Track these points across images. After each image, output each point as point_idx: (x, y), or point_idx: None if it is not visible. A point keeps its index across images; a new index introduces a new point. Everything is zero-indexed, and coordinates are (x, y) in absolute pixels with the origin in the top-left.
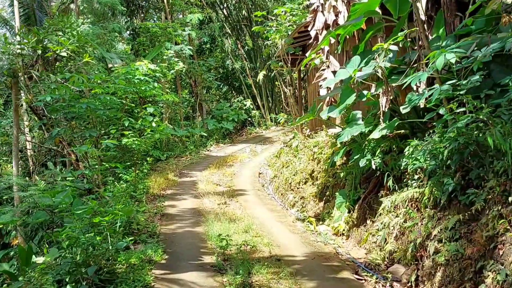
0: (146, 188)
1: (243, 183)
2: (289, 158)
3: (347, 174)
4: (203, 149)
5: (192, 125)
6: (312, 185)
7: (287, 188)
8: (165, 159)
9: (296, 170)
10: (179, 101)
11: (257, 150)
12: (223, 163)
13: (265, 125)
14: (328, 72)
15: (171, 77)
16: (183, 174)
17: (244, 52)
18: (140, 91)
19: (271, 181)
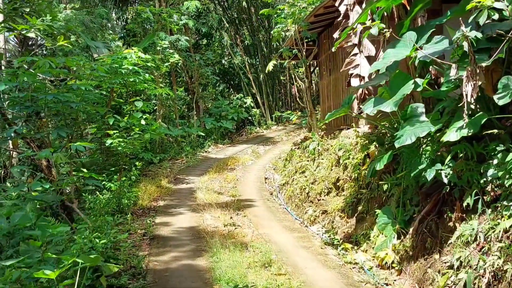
0: (134, 199)
1: (248, 191)
2: (304, 163)
3: (392, 186)
4: (201, 150)
5: (188, 124)
6: (336, 196)
7: (303, 199)
8: (158, 162)
9: (314, 177)
10: (174, 96)
11: (260, 152)
12: (223, 167)
13: (266, 125)
14: (361, 58)
15: (166, 70)
16: (178, 180)
17: (243, 47)
18: (129, 84)
19: (281, 188)
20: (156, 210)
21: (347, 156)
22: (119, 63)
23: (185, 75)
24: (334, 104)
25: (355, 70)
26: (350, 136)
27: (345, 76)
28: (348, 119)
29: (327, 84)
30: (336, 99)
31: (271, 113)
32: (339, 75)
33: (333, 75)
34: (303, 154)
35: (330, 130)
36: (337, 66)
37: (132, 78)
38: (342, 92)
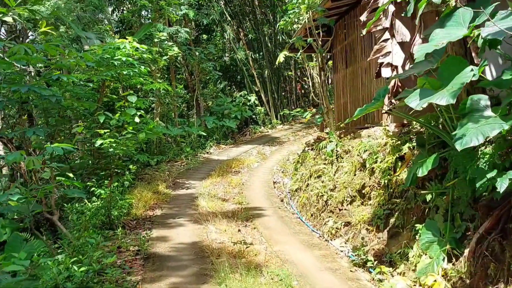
0: (127, 208)
1: (256, 197)
2: (321, 166)
3: (436, 196)
4: (202, 151)
5: (189, 123)
6: (361, 205)
7: (321, 208)
8: (156, 164)
9: (334, 183)
10: (173, 92)
11: (266, 153)
12: (227, 169)
13: (271, 124)
14: (393, 44)
15: (164, 64)
16: (178, 185)
17: (246, 41)
18: (123, 78)
19: (292, 194)
20: (153, 220)
21: (374, 159)
22: (111, 54)
23: (184, 71)
24: (351, 100)
25: (385, 58)
26: (375, 136)
27: (365, 68)
28: (369, 117)
29: (343, 78)
30: (353, 95)
31: (276, 112)
32: (357, 68)
33: (350, 68)
34: (318, 156)
35: (347, 129)
36: (355, 57)
37: (126, 71)
38: (361, 86)
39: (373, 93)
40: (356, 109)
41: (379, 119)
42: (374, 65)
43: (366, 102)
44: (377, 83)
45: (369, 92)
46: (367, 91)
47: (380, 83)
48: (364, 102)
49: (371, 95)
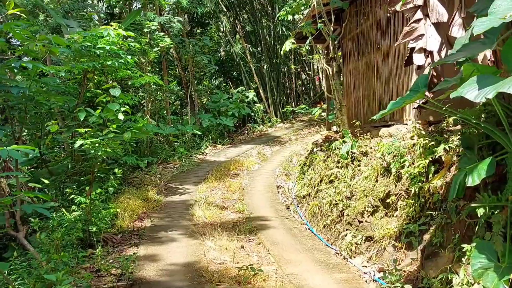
0: (110, 219)
1: (259, 204)
2: (334, 171)
3: (490, 209)
4: (197, 152)
5: (182, 122)
6: (386, 217)
7: (336, 219)
8: (146, 166)
9: (351, 190)
10: (165, 88)
11: (266, 153)
12: (225, 172)
13: (270, 122)
14: (426, 25)
15: (154, 56)
16: (170, 190)
17: (243, 34)
18: (108, 70)
19: (300, 201)
20: (140, 234)
21: (401, 162)
22: (92, 42)
23: (178, 64)
24: (364, 95)
25: (417, 42)
26: (397, 135)
27: (381, 59)
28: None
29: (354, 71)
30: (367, 89)
31: (275, 109)
32: (371, 59)
33: (363, 59)
34: (330, 158)
35: (361, 128)
36: (369, 47)
37: (110, 61)
38: (376, 79)
39: (391, 87)
40: (370, 105)
41: (399, 116)
42: (384, 58)
43: (383, 96)
44: (397, 75)
45: (387, 85)
46: (385, 84)
47: (402, 74)
48: (380, 97)
49: (389, 88)
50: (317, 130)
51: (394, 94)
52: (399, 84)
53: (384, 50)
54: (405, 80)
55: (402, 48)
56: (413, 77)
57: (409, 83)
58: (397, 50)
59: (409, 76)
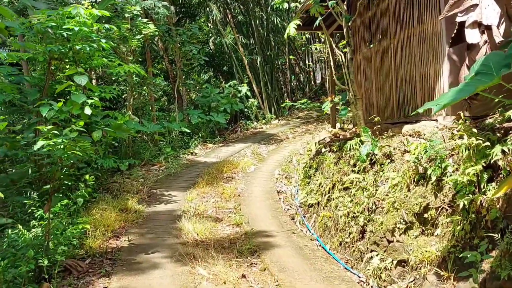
0: (77, 237)
1: (259, 215)
2: (351, 177)
3: None
4: (185, 151)
5: (169, 118)
6: (423, 235)
7: (357, 236)
8: (127, 169)
9: (375, 201)
10: (149, 80)
11: (262, 153)
12: (217, 175)
13: (264, 119)
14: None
15: (137, 44)
16: (154, 197)
17: (235, 24)
18: (80, 57)
19: (306, 210)
20: (115, 258)
21: (442, 168)
22: (58, 23)
23: (164, 55)
24: (378, 87)
25: (469, 14)
26: (426, 133)
27: (401, 44)
28: (407, 107)
29: (365, 60)
30: (382, 79)
31: (269, 105)
32: (388, 45)
33: (376, 46)
34: (343, 160)
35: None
36: (384, 32)
37: (81, 45)
38: (394, 68)
39: (415, 76)
40: (386, 98)
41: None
42: (403, 42)
43: (404, 87)
44: (423, 62)
45: (409, 74)
46: (405, 74)
47: (429, 60)
48: (400, 88)
49: (412, 78)
50: (315, 127)
51: (418, 84)
52: (425, 72)
53: (404, 33)
54: (433, 67)
55: (430, 28)
56: (445, 63)
57: (439, 70)
58: (422, 32)
59: (438, 62)
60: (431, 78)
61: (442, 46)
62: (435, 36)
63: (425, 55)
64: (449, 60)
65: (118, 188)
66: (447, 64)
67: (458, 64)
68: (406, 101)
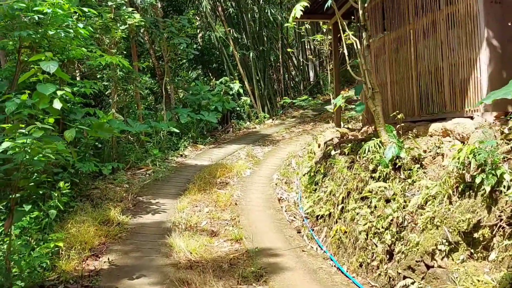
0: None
1: (260, 228)
2: (372, 186)
3: None
4: (174, 153)
5: (156, 117)
6: (472, 260)
7: (383, 257)
8: (111, 173)
9: (406, 215)
10: (135, 75)
11: (258, 155)
12: (210, 180)
13: (258, 118)
14: None
15: (121, 35)
16: (140, 206)
17: (225, 17)
18: (55, 46)
19: (315, 223)
20: (92, 285)
21: (494, 176)
22: (28, 5)
23: (150, 50)
24: (393, 80)
25: None
26: (461, 133)
27: (423, 30)
28: (431, 104)
29: (378, 50)
30: (398, 72)
31: (262, 103)
32: (405, 32)
33: (391, 34)
34: (358, 164)
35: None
36: (400, 17)
37: (54, 30)
38: (413, 59)
39: (441, 66)
40: (403, 93)
41: (455, 105)
42: (453, 18)
43: (426, 80)
44: (452, 50)
45: (433, 65)
46: (429, 65)
47: (460, 48)
48: (422, 82)
49: (437, 69)
50: (312, 127)
51: (446, 76)
52: (456, 62)
53: (428, 18)
54: (467, 55)
55: (462, 9)
56: (483, 49)
57: (475, 59)
58: (451, 14)
59: (474, 49)
60: (463, 68)
61: (480, 29)
62: (469, 18)
63: (456, 41)
64: (489, 46)
65: (100, 195)
66: (486, 51)
67: (500, 50)
68: (430, 96)
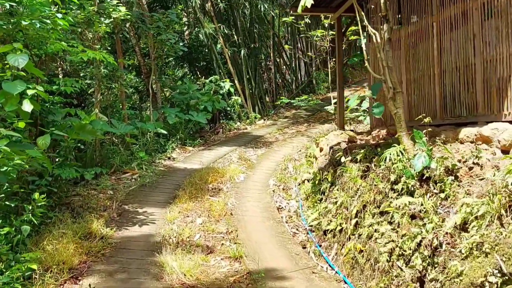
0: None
1: (262, 243)
2: (403, 201)
3: None
4: (162, 156)
5: (142, 118)
6: None
7: (411, 285)
8: (94, 177)
9: (443, 236)
10: (120, 73)
11: (251, 158)
12: (201, 186)
13: (248, 119)
14: None
15: (105, 30)
16: (126, 216)
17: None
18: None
19: (322, 238)
20: None
21: None
22: None
23: (135, 47)
24: (409, 79)
25: None
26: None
27: (455, 20)
28: (457, 107)
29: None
30: (417, 70)
31: (253, 103)
32: (429, 25)
33: (410, 27)
34: (375, 174)
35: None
36: (422, 8)
37: (28, 21)
38: (437, 54)
39: (473, 63)
40: (424, 94)
41: (489, 107)
42: (490, 4)
43: (453, 78)
44: (486, 43)
45: (463, 61)
46: (457, 60)
47: (499, 40)
48: (447, 80)
49: (468, 65)
50: (306, 128)
51: (479, 73)
52: (492, 57)
53: (456, 7)
54: (508, 50)
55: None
56: None
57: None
58: (489, 2)
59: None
60: (502, 64)
61: None
62: (511, 7)
63: (493, 34)
64: None
65: (81, 204)
66: None
67: None
68: (456, 96)
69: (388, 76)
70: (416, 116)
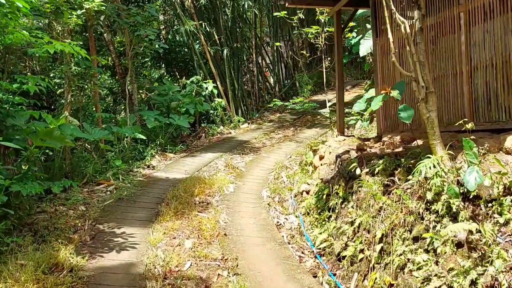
0: None
1: (265, 273)
2: (458, 227)
3: None
4: (140, 164)
5: (118, 122)
6: None
7: None
8: (63, 190)
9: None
10: (93, 71)
11: (239, 166)
12: (187, 199)
13: (232, 122)
14: None
15: (76, 22)
16: (101, 239)
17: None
18: None
19: (335, 264)
20: None
21: None
22: None
23: (109, 44)
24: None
25: None
26: None
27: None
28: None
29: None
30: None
31: (236, 106)
32: (454, 15)
33: (429, 19)
34: (401, 190)
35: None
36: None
37: None
38: (465, 49)
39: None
40: (448, 93)
41: None
42: None
43: (486, 77)
44: None
45: (501, 55)
46: (490, 55)
47: None
48: (479, 78)
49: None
50: (293, 132)
51: None
52: None
53: None
54: None
55: None
56: None
57: None
58: None
59: None
60: None
61: None
62: None
63: None
64: None
65: (47, 225)
66: None
67: None
68: (492, 97)
69: (419, 73)
70: (441, 119)
